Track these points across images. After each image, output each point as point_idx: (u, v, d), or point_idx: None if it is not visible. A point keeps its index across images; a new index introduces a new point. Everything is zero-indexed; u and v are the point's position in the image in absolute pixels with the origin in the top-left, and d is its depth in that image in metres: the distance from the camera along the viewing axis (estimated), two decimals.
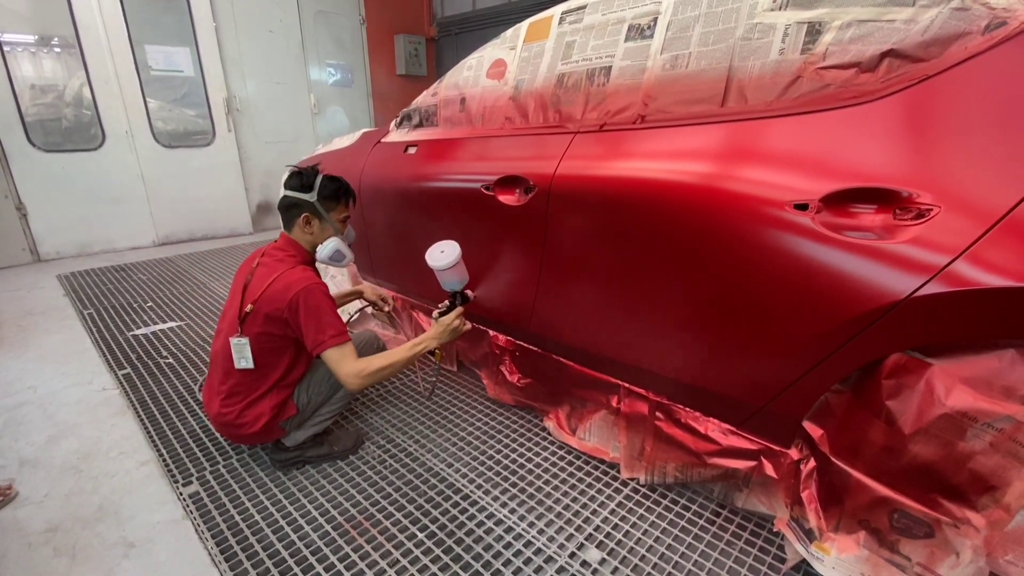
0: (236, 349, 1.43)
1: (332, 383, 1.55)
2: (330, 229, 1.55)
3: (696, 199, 1.15)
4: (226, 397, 1.47)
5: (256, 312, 1.42)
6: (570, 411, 1.70)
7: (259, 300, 1.42)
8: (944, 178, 0.88)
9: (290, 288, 1.40)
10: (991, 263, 0.80)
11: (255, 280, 1.47)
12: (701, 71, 1.22)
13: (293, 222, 1.52)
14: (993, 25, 0.89)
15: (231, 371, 1.46)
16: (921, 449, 0.94)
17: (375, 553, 1.25)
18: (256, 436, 1.50)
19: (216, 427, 1.54)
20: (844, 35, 1.03)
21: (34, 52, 3.82)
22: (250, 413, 1.47)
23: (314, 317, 1.39)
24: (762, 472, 1.21)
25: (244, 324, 1.43)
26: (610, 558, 1.24)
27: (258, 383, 1.47)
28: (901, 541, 0.99)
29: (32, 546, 1.30)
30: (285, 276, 1.43)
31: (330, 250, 1.53)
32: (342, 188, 1.57)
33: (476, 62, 1.83)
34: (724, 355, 1.19)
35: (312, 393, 1.55)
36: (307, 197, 1.50)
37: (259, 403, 1.48)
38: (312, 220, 1.52)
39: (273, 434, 1.53)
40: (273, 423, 1.49)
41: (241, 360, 1.44)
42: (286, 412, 1.51)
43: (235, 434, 1.51)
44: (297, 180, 1.51)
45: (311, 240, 1.54)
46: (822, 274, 0.98)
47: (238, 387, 1.47)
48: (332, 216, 1.54)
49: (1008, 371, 0.84)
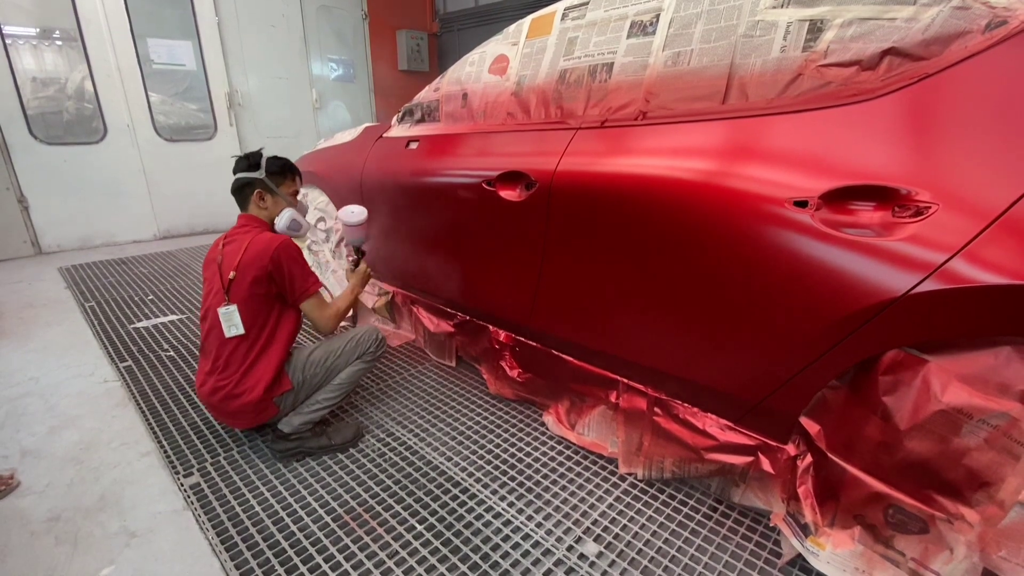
0: (225, 318, 1.47)
1: (328, 365, 1.61)
2: (283, 202, 1.65)
3: (696, 196, 1.15)
4: (222, 371, 1.50)
5: (240, 278, 1.48)
6: (569, 406, 1.71)
7: (240, 265, 1.48)
8: (942, 176, 0.88)
9: (269, 246, 1.49)
10: (987, 261, 0.81)
11: (227, 257, 1.53)
12: (703, 68, 1.23)
13: (248, 200, 1.62)
14: (994, 24, 0.90)
15: (223, 344, 1.50)
16: (916, 445, 0.94)
17: (374, 544, 1.27)
18: (254, 408, 1.50)
19: (212, 406, 1.54)
20: (845, 33, 1.03)
21: (36, 45, 3.81)
22: (249, 379, 1.49)
23: (298, 267, 1.53)
24: (759, 468, 1.22)
25: (230, 292, 1.48)
26: (607, 551, 1.25)
27: (251, 348, 1.51)
28: (896, 536, 1.00)
29: (34, 535, 1.31)
30: (258, 239, 1.52)
31: (287, 219, 1.64)
32: (287, 164, 1.69)
33: (478, 58, 1.83)
34: (723, 351, 1.20)
35: (308, 373, 1.58)
36: (256, 175, 1.60)
37: (255, 368, 1.50)
38: (265, 195, 1.62)
39: (269, 410, 1.54)
40: (270, 393, 1.50)
41: (231, 328, 1.48)
42: (281, 385, 1.53)
43: (234, 407, 1.50)
44: (244, 162, 1.62)
45: (267, 214, 1.64)
46: (820, 271, 0.99)
47: (232, 358, 1.50)
48: (282, 190, 1.65)
49: (1004, 368, 0.85)
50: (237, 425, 1.63)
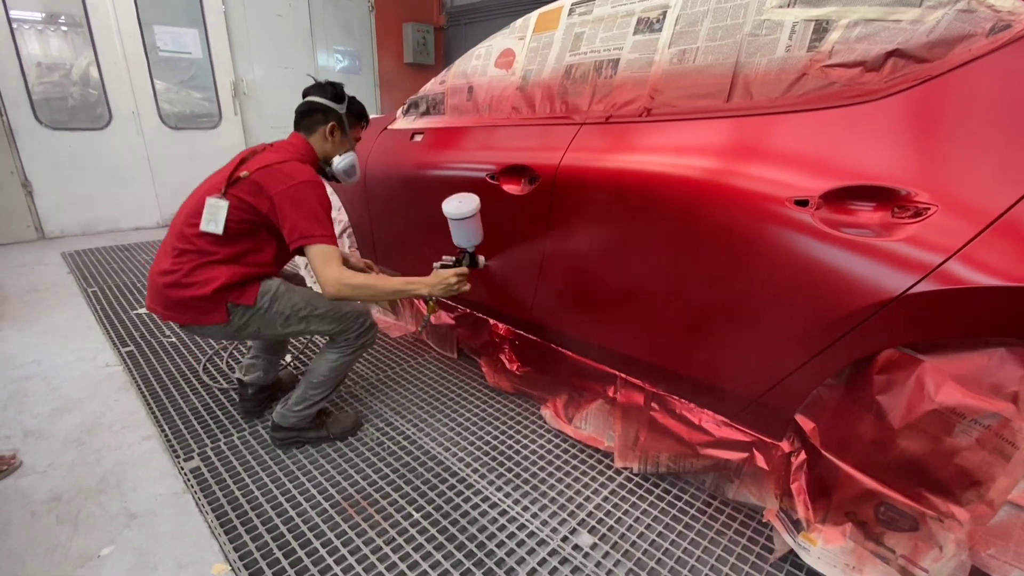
0: (210, 208, 1.34)
1: (301, 316, 1.44)
2: (347, 144, 1.58)
3: (698, 193, 1.16)
4: (179, 255, 1.37)
5: (249, 181, 1.36)
6: (567, 400, 1.72)
7: (259, 172, 1.36)
8: (942, 178, 0.89)
9: (297, 175, 1.37)
10: (984, 263, 0.81)
11: (258, 157, 1.42)
12: (708, 66, 1.23)
13: (315, 128, 1.52)
14: (998, 28, 0.90)
15: (190, 236, 1.37)
16: (909, 444, 0.95)
17: (371, 531, 1.28)
18: (199, 304, 1.36)
19: (156, 292, 1.40)
20: (851, 34, 1.04)
21: (41, 30, 3.81)
22: (203, 273, 1.36)
23: (310, 209, 1.35)
24: (753, 464, 1.23)
25: (230, 187, 1.36)
26: (601, 543, 1.26)
27: (217, 247, 1.37)
28: (886, 534, 1.02)
29: (35, 514, 1.33)
30: (296, 165, 1.40)
31: (348, 162, 1.57)
32: (366, 111, 1.63)
33: (485, 51, 1.83)
34: (721, 347, 1.21)
35: (278, 307, 1.43)
36: (338, 107, 1.52)
37: (215, 267, 1.36)
38: (336, 131, 1.53)
39: (218, 312, 1.38)
40: (224, 295, 1.36)
41: (211, 223, 1.34)
42: (244, 295, 1.39)
43: (176, 297, 1.36)
44: (330, 89, 1.52)
45: (329, 150, 1.55)
46: (819, 270, 1.00)
47: (194, 248, 1.37)
48: (352, 133, 1.59)
49: (997, 369, 0.86)
50: (177, 319, 1.41)
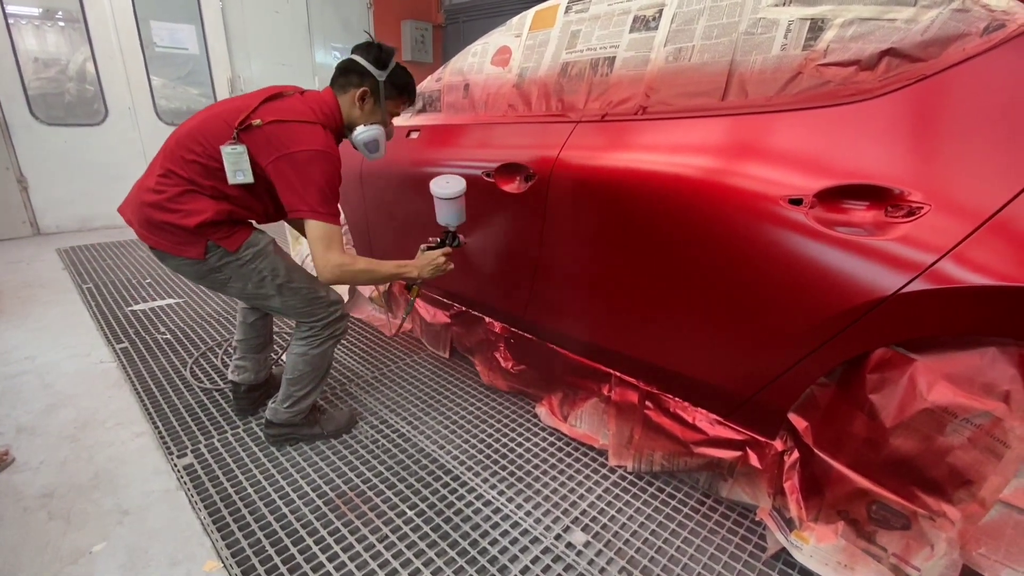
0: (230, 157, 1.25)
1: (276, 284, 1.38)
2: (379, 116, 1.44)
3: (693, 191, 1.16)
4: (165, 175, 1.27)
5: (260, 131, 1.26)
6: (563, 398, 1.72)
7: (272, 125, 1.26)
8: (936, 177, 0.89)
9: (311, 140, 1.26)
10: (976, 263, 0.81)
11: (279, 105, 1.31)
12: (704, 64, 1.23)
13: (347, 90, 1.40)
14: (992, 27, 0.90)
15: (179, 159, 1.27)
16: (901, 443, 0.96)
17: (364, 529, 1.28)
18: (178, 233, 1.28)
19: (137, 207, 1.31)
20: (846, 32, 1.04)
21: (38, 25, 3.79)
22: (189, 202, 1.27)
23: (315, 182, 1.26)
24: (747, 462, 1.23)
25: (242, 131, 1.26)
26: (595, 541, 1.26)
27: (208, 177, 1.28)
28: (878, 532, 1.02)
29: (27, 510, 1.32)
30: (313, 129, 1.29)
31: (370, 136, 1.42)
32: (412, 84, 1.49)
33: (481, 48, 1.83)
34: (714, 345, 1.21)
35: (256, 265, 1.35)
36: (377, 74, 1.39)
37: (202, 198, 1.28)
38: (368, 99, 1.41)
39: (196, 247, 1.30)
40: (207, 231, 1.28)
41: (237, 173, 1.26)
42: (229, 239, 1.32)
43: (158, 219, 1.27)
44: (375, 52, 1.39)
45: (356, 117, 1.42)
46: (813, 269, 1.00)
47: (183, 173, 1.27)
48: (388, 105, 1.45)
49: (989, 368, 0.86)
50: (152, 242, 1.32)
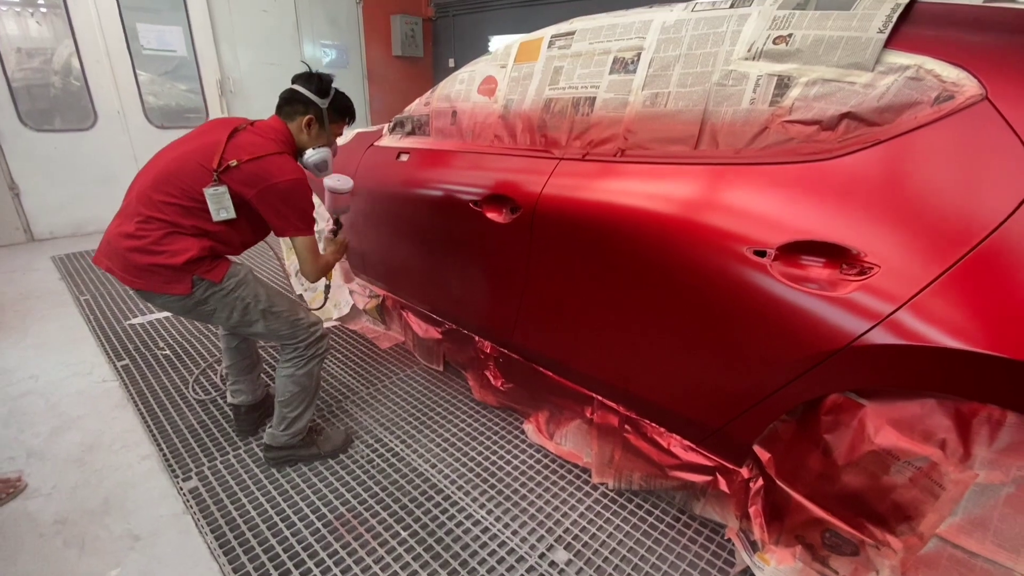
0: (213, 198, 1.35)
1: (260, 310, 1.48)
2: (325, 138, 1.58)
3: (670, 239, 1.22)
4: (144, 221, 1.34)
5: (240, 170, 1.36)
6: (549, 416, 1.81)
7: (250, 163, 1.36)
8: (885, 240, 0.96)
9: (287, 171, 1.40)
10: (913, 326, 0.89)
11: (243, 142, 1.40)
12: (678, 111, 1.28)
13: (294, 118, 1.53)
14: (942, 97, 0.96)
15: (158, 203, 1.34)
16: (851, 479, 1.05)
17: (362, 550, 1.37)
18: (165, 273, 1.35)
19: (116, 253, 1.37)
20: (809, 92, 1.09)
21: (19, 12, 3.73)
22: (174, 243, 1.35)
23: (300, 208, 1.43)
24: (716, 486, 1.32)
25: (221, 173, 1.35)
26: (576, 559, 1.36)
27: (188, 217, 1.36)
28: (831, 557, 1.12)
29: (43, 536, 1.40)
30: (284, 160, 1.43)
31: (319, 158, 1.57)
32: (350, 107, 1.62)
33: (468, 76, 1.87)
34: (686, 378, 1.29)
35: (240, 293, 1.45)
36: (320, 102, 1.51)
37: (185, 238, 1.36)
38: (314, 125, 1.53)
39: (183, 283, 1.37)
40: (193, 267, 1.37)
41: (221, 211, 1.37)
42: (212, 271, 1.40)
43: (143, 263, 1.34)
44: (316, 83, 1.51)
45: (304, 141, 1.55)
46: (776, 316, 1.07)
47: (163, 216, 1.35)
48: (331, 128, 1.58)
49: (928, 417, 0.95)
50: (137, 284, 1.38)
